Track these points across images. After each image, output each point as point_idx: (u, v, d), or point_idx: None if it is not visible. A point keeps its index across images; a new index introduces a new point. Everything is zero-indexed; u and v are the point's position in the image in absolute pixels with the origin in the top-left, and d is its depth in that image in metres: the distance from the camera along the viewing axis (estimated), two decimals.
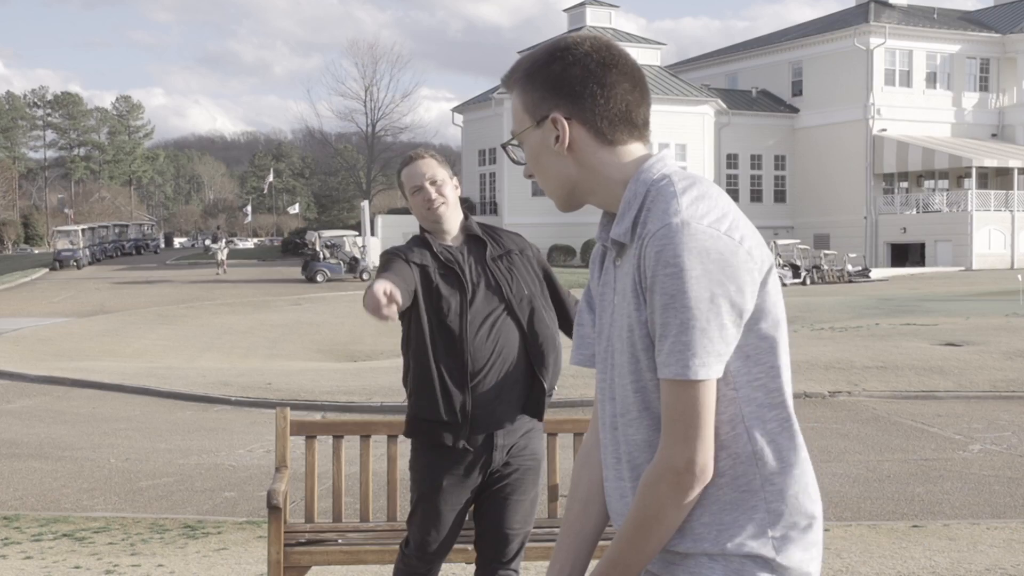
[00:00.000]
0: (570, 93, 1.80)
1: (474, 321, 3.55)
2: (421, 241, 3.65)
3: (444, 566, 3.80)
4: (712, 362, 1.64)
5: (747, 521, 1.71)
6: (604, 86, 1.79)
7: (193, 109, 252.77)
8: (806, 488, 1.75)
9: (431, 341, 3.55)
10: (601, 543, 1.89)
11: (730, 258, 1.65)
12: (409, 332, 3.62)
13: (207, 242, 68.18)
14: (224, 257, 47.47)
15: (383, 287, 3.14)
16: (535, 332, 3.61)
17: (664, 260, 1.64)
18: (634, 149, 1.82)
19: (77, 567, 5.80)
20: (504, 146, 1.90)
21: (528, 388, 3.61)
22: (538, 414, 3.65)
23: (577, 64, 1.79)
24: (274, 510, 4.27)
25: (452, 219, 3.65)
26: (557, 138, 1.81)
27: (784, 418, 1.74)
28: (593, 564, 1.88)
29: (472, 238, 3.69)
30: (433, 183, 3.62)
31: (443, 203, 3.61)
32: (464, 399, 3.52)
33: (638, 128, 1.83)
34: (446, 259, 3.59)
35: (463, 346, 3.52)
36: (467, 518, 3.72)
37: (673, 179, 1.74)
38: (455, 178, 3.74)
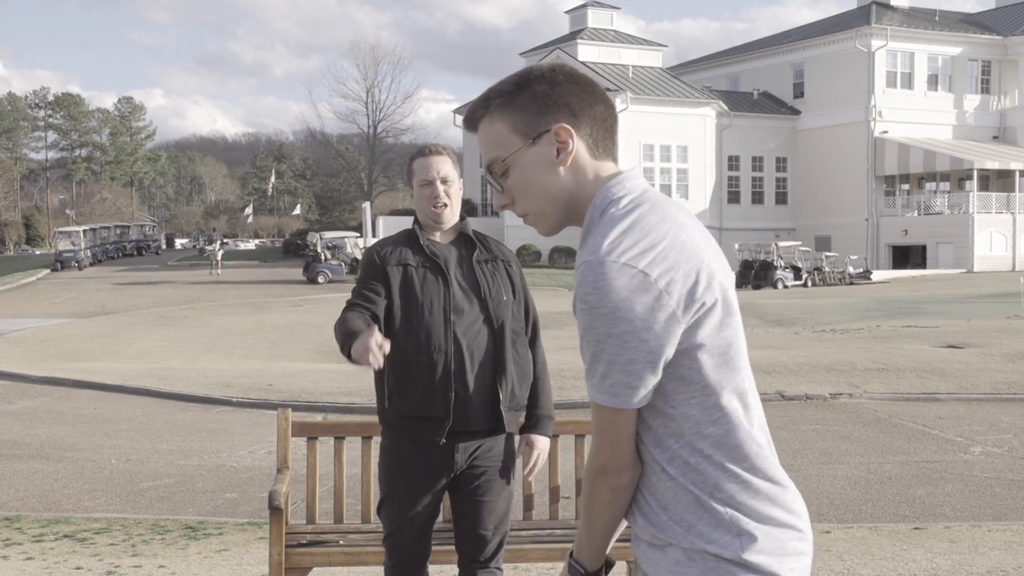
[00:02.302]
0: (566, 106, 1.87)
1: (456, 319, 3.57)
2: (409, 236, 3.69)
3: (443, 567, 3.80)
4: (620, 392, 1.76)
5: (711, 520, 1.80)
6: (594, 102, 1.89)
7: (193, 110, 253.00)
8: (759, 494, 1.81)
9: (415, 338, 3.56)
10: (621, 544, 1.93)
11: (640, 296, 1.71)
12: (389, 333, 3.60)
13: (205, 243, 68.29)
14: (219, 258, 47.65)
15: (376, 339, 3.19)
16: (503, 339, 3.61)
17: (579, 295, 1.74)
18: (611, 166, 1.91)
19: (78, 568, 5.81)
20: (490, 170, 1.92)
21: (492, 395, 3.59)
22: (496, 424, 3.61)
23: (565, 83, 1.88)
24: (276, 511, 4.27)
25: (450, 220, 3.70)
26: (558, 151, 1.86)
27: (726, 431, 1.81)
28: None
29: (463, 237, 3.72)
30: (444, 181, 3.65)
31: (447, 204, 3.65)
32: (450, 393, 3.53)
33: (615, 145, 1.93)
34: (431, 253, 3.63)
35: (448, 341, 3.54)
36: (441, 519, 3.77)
37: (620, 204, 1.82)
38: (462, 179, 3.77)
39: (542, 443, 3.79)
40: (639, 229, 1.76)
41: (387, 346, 3.23)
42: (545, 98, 1.87)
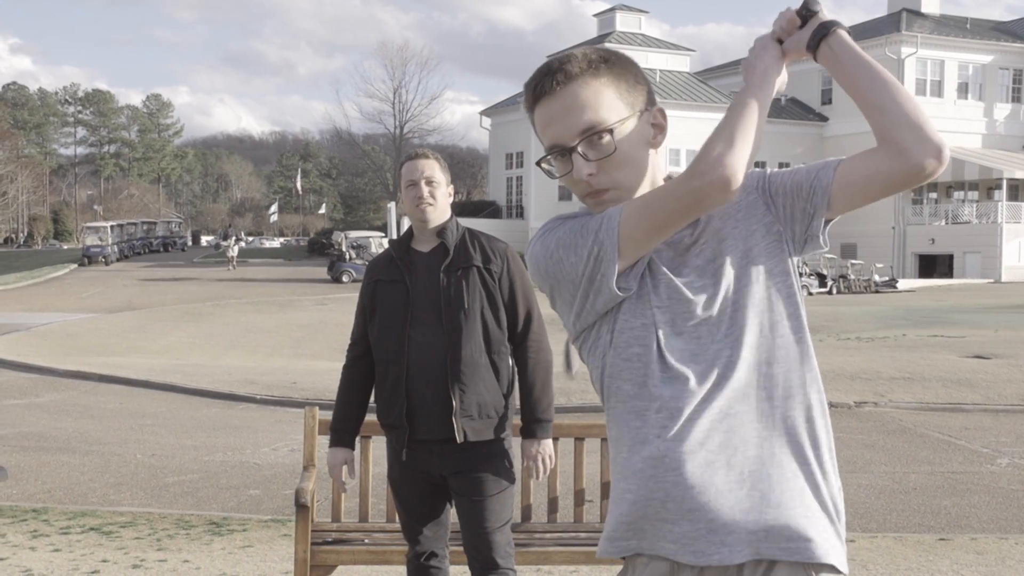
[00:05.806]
0: (649, 92, 1.84)
1: (413, 331, 3.66)
2: (397, 244, 3.82)
3: (466, 569, 3.81)
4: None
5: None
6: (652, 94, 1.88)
7: (218, 108, 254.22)
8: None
9: (381, 350, 3.73)
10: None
11: None
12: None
13: (221, 239, 68.76)
14: (234, 254, 47.80)
15: (344, 460, 3.85)
16: (458, 348, 3.63)
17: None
18: None
19: (104, 560, 5.86)
20: (588, 133, 1.74)
21: (448, 405, 3.63)
22: (453, 434, 3.63)
23: (636, 65, 1.86)
24: (302, 508, 4.29)
25: (435, 219, 3.74)
26: (655, 133, 1.82)
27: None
28: None
29: (440, 247, 3.73)
30: (429, 183, 3.71)
31: (431, 204, 3.71)
32: (403, 403, 3.66)
33: None
34: (403, 265, 3.73)
35: (403, 352, 3.65)
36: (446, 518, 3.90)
37: None
38: (452, 185, 3.81)
39: (535, 448, 3.80)
40: None
41: (351, 472, 3.88)
42: (638, 77, 1.81)
